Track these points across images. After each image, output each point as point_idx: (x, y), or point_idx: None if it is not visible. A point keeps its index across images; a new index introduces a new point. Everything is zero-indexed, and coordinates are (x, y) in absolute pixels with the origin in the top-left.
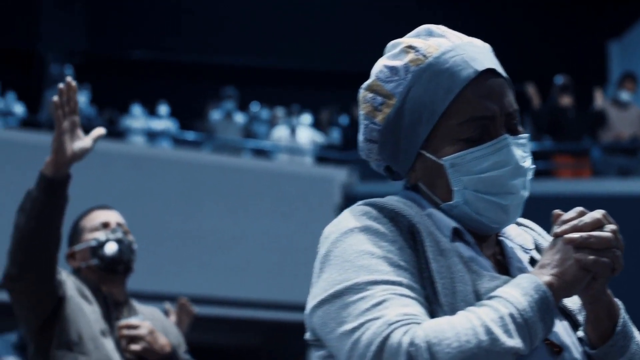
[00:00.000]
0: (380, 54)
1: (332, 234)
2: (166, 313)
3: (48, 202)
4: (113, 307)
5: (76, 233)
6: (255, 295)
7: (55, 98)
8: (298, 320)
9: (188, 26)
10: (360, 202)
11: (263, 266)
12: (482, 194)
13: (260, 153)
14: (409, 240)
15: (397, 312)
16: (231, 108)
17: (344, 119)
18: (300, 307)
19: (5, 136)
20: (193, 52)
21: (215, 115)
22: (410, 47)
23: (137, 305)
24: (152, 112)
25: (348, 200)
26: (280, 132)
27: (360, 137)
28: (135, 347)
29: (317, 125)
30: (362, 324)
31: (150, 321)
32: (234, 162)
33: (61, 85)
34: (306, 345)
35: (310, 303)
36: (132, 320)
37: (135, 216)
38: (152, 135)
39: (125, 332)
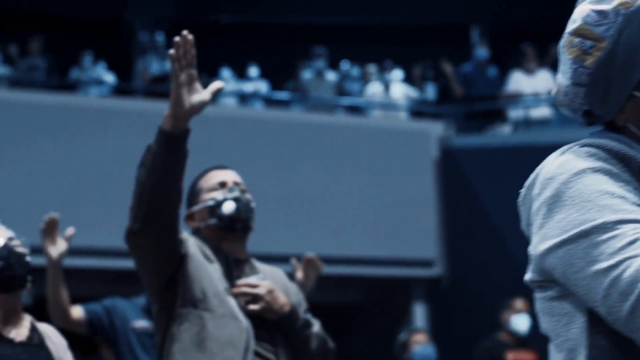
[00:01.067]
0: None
1: (559, 175)
2: (291, 276)
3: (167, 157)
4: (234, 266)
5: (194, 194)
6: (355, 252)
7: (172, 51)
8: (398, 275)
9: None
10: (578, 144)
11: (361, 223)
12: None
13: (354, 110)
14: None
15: None
16: (322, 67)
17: (437, 73)
18: (400, 262)
19: (99, 104)
20: (281, 12)
21: (307, 74)
22: None
23: (257, 263)
24: (241, 75)
25: (445, 154)
26: (374, 89)
27: (566, 81)
28: (253, 306)
29: (409, 80)
30: (620, 262)
31: (270, 280)
32: (328, 120)
33: (177, 39)
34: (409, 300)
35: (545, 244)
36: (251, 280)
37: None
38: (243, 97)
39: (245, 290)
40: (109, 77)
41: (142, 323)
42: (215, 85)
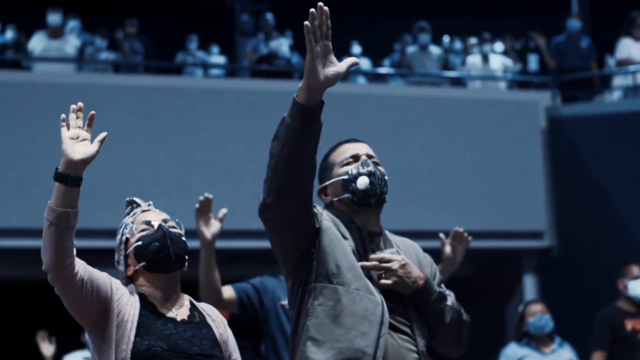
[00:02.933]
0: None
1: None
2: (427, 250)
3: (301, 128)
4: (368, 239)
5: (326, 168)
6: (463, 226)
7: (307, 23)
8: (509, 247)
9: None
10: None
11: (470, 195)
12: None
13: (458, 83)
14: None
15: None
16: (426, 41)
17: (537, 45)
18: (510, 234)
19: (207, 85)
20: None
21: (410, 49)
22: None
23: (391, 236)
24: (342, 52)
25: (553, 123)
26: (473, 60)
27: None
28: (386, 281)
29: (509, 52)
30: None
31: (403, 252)
32: (433, 93)
33: (312, 10)
34: (519, 272)
35: None
36: (385, 254)
37: None
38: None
39: (377, 264)
40: (216, 58)
41: None
42: (351, 59)
